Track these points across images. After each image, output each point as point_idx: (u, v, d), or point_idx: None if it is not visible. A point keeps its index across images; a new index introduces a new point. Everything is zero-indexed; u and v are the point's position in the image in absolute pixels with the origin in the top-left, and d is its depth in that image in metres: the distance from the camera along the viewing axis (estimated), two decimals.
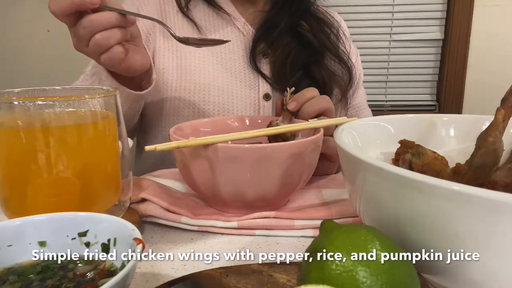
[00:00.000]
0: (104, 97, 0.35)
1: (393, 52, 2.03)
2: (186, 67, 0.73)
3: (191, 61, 0.74)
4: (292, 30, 0.76)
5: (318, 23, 0.79)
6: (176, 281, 0.31)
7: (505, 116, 0.36)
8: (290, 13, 0.76)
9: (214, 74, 0.73)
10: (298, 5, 0.78)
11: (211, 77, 0.73)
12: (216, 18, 0.78)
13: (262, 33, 0.76)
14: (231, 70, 0.75)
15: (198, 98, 0.72)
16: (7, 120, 0.33)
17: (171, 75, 0.73)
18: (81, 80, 0.66)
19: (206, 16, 0.78)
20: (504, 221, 0.23)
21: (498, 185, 0.34)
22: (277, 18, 0.76)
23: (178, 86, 0.73)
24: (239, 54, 0.76)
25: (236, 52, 0.76)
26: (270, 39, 0.75)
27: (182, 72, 0.73)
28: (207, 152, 0.42)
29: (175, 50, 0.74)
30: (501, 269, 0.25)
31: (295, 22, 0.76)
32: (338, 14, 0.88)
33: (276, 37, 0.75)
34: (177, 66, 0.74)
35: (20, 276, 0.27)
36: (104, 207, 0.36)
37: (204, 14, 0.78)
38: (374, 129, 0.46)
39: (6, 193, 0.35)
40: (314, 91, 0.58)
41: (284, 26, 0.75)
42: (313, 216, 0.45)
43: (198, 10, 0.78)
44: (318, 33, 0.77)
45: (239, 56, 0.76)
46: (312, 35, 0.76)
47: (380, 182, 0.30)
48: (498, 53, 1.92)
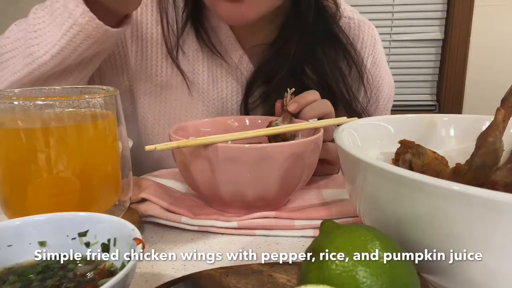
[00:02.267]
0: (104, 97, 0.35)
1: (393, 52, 2.03)
2: (171, 116, 0.68)
3: (176, 109, 0.68)
4: (296, 77, 0.65)
5: (335, 55, 0.67)
6: (176, 281, 0.31)
7: (505, 116, 0.36)
8: (298, 49, 0.65)
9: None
10: (314, 31, 0.65)
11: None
12: (212, 59, 0.68)
13: (257, 79, 0.66)
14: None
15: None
16: (7, 120, 0.33)
17: (156, 121, 0.68)
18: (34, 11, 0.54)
19: (200, 56, 0.68)
20: (504, 221, 0.23)
21: (498, 185, 0.34)
22: (278, 60, 0.65)
23: (161, 132, 0.68)
24: (232, 103, 0.69)
25: (229, 100, 0.69)
26: (268, 90, 0.65)
27: (170, 121, 0.68)
28: (207, 152, 0.42)
29: (159, 94, 0.68)
30: (501, 269, 0.25)
31: (300, 66, 0.65)
32: (370, 26, 0.73)
33: (274, 88, 0.64)
34: (163, 113, 0.69)
35: (20, 276, 0.27)
36: (104, 207, 0.36)
37: (197, 53, 0.68)
38: (374, 129, 0.45)
39: (6, 193, 0.35)
40: (315, 94, 0.57)
41: (285, 73, 0.64)
42: (313, 216, 0.45)
43: (188, 47, 0.68)
44: (330, 80, 0.65)
45: (232, 104, 0.69)
46: (321, 87, 0.63)
47: (380, 182, 0.30)
48: (498, 53, 1.92)
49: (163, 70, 0.68)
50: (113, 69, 0.69)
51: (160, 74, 0.68)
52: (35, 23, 0.52)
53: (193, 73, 0.68)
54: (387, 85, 0.74)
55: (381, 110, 0.75)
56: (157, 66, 0.67)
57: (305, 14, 0.65)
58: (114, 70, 0.69)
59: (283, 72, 0.64)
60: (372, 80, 0.72)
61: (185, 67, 0.68)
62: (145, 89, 0.69)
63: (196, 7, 0.66)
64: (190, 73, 0.68)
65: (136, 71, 0.68)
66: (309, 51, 0.66)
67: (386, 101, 0.75)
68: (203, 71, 0.68)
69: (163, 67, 0.68)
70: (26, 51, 0.52)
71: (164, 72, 0.68)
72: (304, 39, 0.65)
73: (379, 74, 0.73)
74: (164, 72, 0.68)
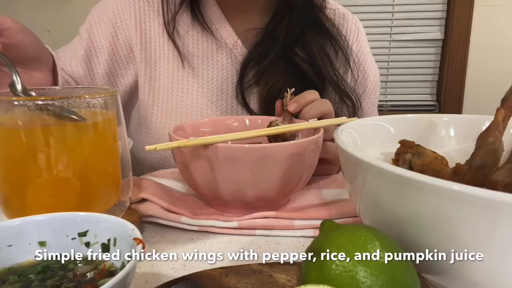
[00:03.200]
0: (104, 97, 0.35)
1: (393, 52, 2.03)
2: (172, 101, 0.70)
3: (177, 96, 0.70)
4: (286, 58, 0.68)
5: (322, 40, 0.71)
6: (176, 281, 0.31)
7: (505, 116, 0.36)
8: (288, 31, 0.68)
9: (202, 111, 0.70)
10: (302, 16, 0.69)
11: (199, 113, 0.70)
12: (202, 35, 0.72)
13: (251, 61, 0.69)
14: (218, 104, 0.71)
15: None
16: (7, 120, 0.33)
17: (155, 108, 0.71)
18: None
19: (191, 33, 0.72)
20: (504, 221, 0.23)
21: (498, 185, 0.34)
22: (270, 42, 0.69)
23: (163, 122, 0.70)
24: (227, 84, 0.71)
25: (224, 82, 0.71)
26: (260, 69, 0.68)
27: (168, 108, 0.70)
28: (207, 152, 0.42)
29: (158, 80, 0.71)
30: (501, 269, 0.25)
31: (290, 47, 0.68)
32: (354, 17, 0.78)
33: (266, 67, 0.68)
34: (160, 99, 0.71)
35: (20, 276, 0.27)
36: (104, 207, 0.36)
37: (189, 30, 0.72)
38: (374, 129, 0.45)
39: (6, 193, 0.35)
40: (315, 94, 0.57)
41: (276, 53, 0.68)
42: (313, 216, 0.45)
43: (183, 24, 0.72)
44: (317, 60, 0.69)
45: (227, 86, 0.71)
46: (310, 65, 0.68)
47: (380, 182, 0.30)
48: (498, 53, 1.92)
49: (159, 44, 0.72)
50: (120, 68, 0.73)
51: (156, 50, 0.71)
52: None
53: (184, 47, 0.71)
54: (372, 72, 0.78)
55: (369, 94, 0.77)
56: (155, 43, 0.71)
57: (293, 2, 0.69)
58: (122, 69, 0.73)
59: (274, 52, 0.68)
60: (359, 63, 0.75)
61: (178, 41, 0.71)
62: (145, 71, 0.72)
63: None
64: (181, 47, 0.71)
65: (140, 58, 0.72)
66: (299, 34, 0.70)
67: (373, 85, 0.77)
68: (192, 46, 0.72)
69: (158, 42, 0.71)
70: None
71: (159, 46, 0.71)
72: (293, 23, 0.69)
73: (364, 61, 0.76)
74: (159, 46, 0.71)
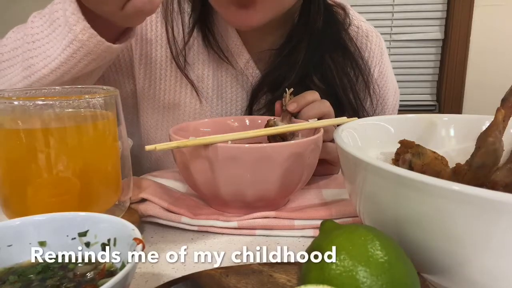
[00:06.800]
0: (104, 97, 0.35)
1: (393, 52, 2.03)
2: (179, 120, 0.68)
3: (184, 113, 0.67)
4: (303, 85, 0.63)
5: (343, 62, 0.66)
6: (176, 281, 0.31)
7: (505, 116, 0.36)
8: (306, 57, 0.63)
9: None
10: (322, 40, 0.64)
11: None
12: (214, 57, 0.67)
13: (264, 87, 0.65)
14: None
15: None
16: (7, 120, 0.33)
17: (159, 128, 0.69)
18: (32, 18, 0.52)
19: (202, 55, 0.67)
20: (503, 221, 0.23)
21: (498, 185, 0.34)
22: (285, 68, 0.64)
23: (164, 139, 0.66)
24: (236, 108, 0.68)
25: (234, 106, 0.68)
26: (273, 99, 0.62)
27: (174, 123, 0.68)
28: (207, 152, 0.42)
29: (163, 99, 0.68)
30: (500, 269, 0.25)
31: (307, 75, 0.64)
32: (378, 36, 0.73)
33: (280, 97, 0.61)
34: (166, 119, 0.68)
35: (20, 276, 0.27)
36: (104, 207, 0.36)
37: (200, 51, 0.67)
38: (374, 129, 0.45)
39: (6, 193, 0.35)
40: (315, 95, 0.57)
41: (292, 81, 0.62)
42: (313, 216, 0.45)
43: (194, 46, 0.67)
44: (337, 90, 0.64)
45: (236, 109, 0.68)
46: (328, 95, 0.61)
47: (380, 182, 0.30)
48: (498, 53, 1.92)
49: (167, 74, 0.66)
50: (118, 74, 0.68)
51: (164, 78, 0.67)
52: (33, 32, 0.49)
53: (198, 79, 0.67)
54: (392, 95, 0.74)
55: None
56: (161, 71, 0.66)
57: (313, 20, 0.64)
58: (119, 76, 0.68)
59: (290, 80, 0.63)
60: (379, 90, 0.72)
61: (191, 72, 0.67)
62: (148, 95, 0.68)
63: (203, 12, 0.65)
64: (195, 79, 0.67)
65: (140, 75, 0.67)
66: (318, 59, 0.65)
67: (391, 110, 0.75)
68: (208, 76, 0.67)
69: (167, 72, 0.66)
70: (25, 63, 0.50)
71: (168, 76, 0.67)
72: (313, 47, 0.64)
73: (385, 85, 0.73)
74: (168, 76, 0.67)
